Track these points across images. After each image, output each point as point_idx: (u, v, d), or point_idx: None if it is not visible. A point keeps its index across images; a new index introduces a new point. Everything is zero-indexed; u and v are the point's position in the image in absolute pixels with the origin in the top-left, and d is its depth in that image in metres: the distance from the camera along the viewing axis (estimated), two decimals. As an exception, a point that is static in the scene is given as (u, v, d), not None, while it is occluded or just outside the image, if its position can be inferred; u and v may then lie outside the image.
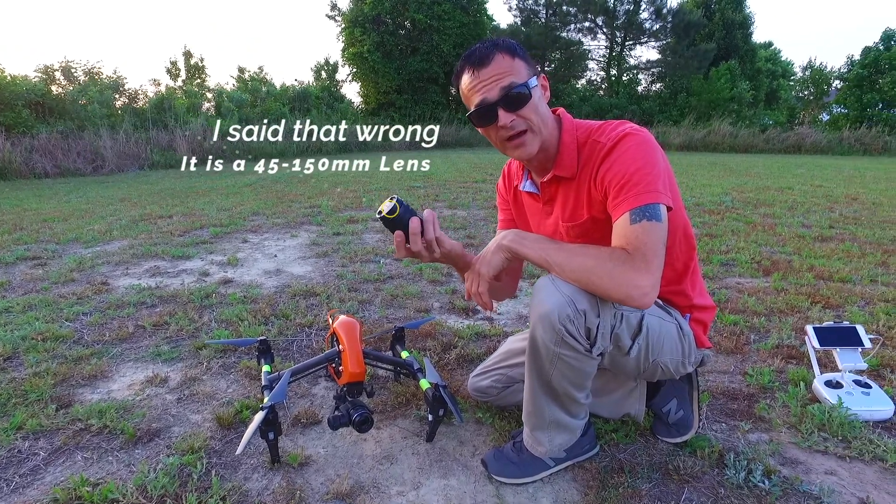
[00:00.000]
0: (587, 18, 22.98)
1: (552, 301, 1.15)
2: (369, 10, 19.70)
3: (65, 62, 13.15)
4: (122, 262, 3.46)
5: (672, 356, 1.32)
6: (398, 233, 1.19)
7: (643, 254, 1.08)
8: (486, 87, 1.16)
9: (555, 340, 1.17)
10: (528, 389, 1.31)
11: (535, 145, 1.22)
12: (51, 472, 1.39)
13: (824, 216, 4.92)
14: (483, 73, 1.16)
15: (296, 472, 1.39)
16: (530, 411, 1.33)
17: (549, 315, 1.15)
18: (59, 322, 2.41)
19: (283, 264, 3.40)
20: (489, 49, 1.17)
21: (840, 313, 2.47)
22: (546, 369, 1.23)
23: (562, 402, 1.30)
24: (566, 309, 1.14)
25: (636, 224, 1.10)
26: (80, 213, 5.42)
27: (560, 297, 1.15)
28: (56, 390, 1.80)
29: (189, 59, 18.79)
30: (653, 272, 1.08)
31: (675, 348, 1.32)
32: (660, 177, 1.14)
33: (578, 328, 1.15)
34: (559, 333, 1.16)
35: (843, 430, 1.51)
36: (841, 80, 21.66)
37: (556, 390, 1.27)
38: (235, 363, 2.01)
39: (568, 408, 1.32)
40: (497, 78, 1.15)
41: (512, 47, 1.18)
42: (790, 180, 7.98)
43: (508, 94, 1.15)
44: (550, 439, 1.34)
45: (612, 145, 1.17)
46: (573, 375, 1.23)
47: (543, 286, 1.19)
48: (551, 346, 1.18)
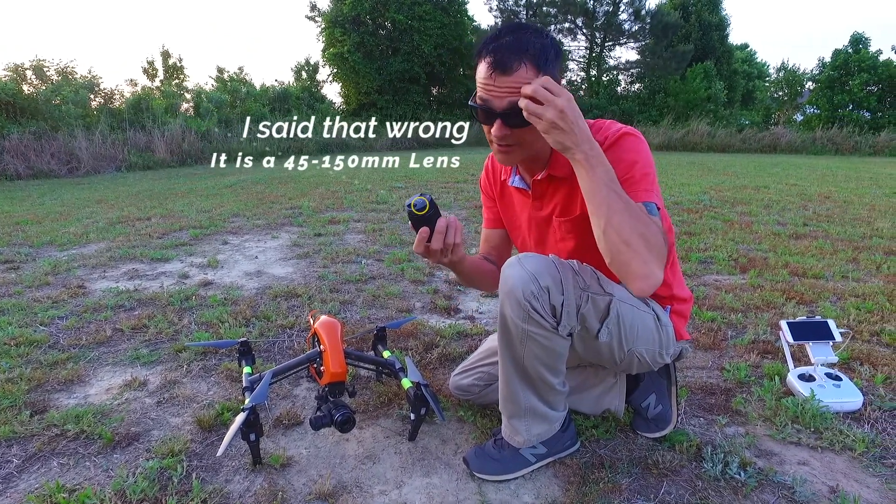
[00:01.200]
0: (567, 19, 23.17)
1: (516, 277, 1.18)
2: (349, 11, 19.62)
3: (36, 61, 12.84)
4: (99, 264, 3.40)
5: (648, 346, 1.33)
6: (424, 228, 1.19)
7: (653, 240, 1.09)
8: (497, 94, 1.13)
9: (522, 317, 1.19)
10: (501, 373, 1.32)
11: (517, 159, 1.25)
12: (25, 479, 1.36)
13: (799, 214, 5.03)
14: (499, 81, 1.12)
15: (278, 473, 1.38)
16: (506, 396, 1.34)
17: (513, 291, 1.18)
18: (33, 326, 2.36)
19: (264, 266, 3.37)
20: (516, 56, 1.10)
21: (813, 308, 2.53)
22: (517, 349, 1.25)
23: (536, 387, 1.31)
24: (530, 285, 1.16)
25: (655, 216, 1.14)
26: (55, 215, 5.31)
27: (524, 273, 1.17)
28: (30, 396, 1.76)
29: (167, 58, 18.51)
30: (664, 264, 1.11)
31: (651, 338, 1.33)
32: (655, 178, 1.18)
33: (543, 305, 1.17)
34: (525, 310, 1.18)
35: (816, 421, 1.55)
36: (813, 81, 22.17)
37: (530, 373, 1.28)
38: (216, 365, 1.99)
39: (544, 395, 1.33)
40: (510, 91, 1.11)
41: (541, 59, 1.11)
42: (766, 179, 8.14)
43: (513, 111, 1.12)
44: (528, 428, 1.35)
45: (611, 143, 1.19)
46: (544, 355, 1.24)
47: (510, 264, 1.22)
48: (519, 323, 1.20)
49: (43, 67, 12.94)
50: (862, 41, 20.34)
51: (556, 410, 1.37)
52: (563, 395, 1.37)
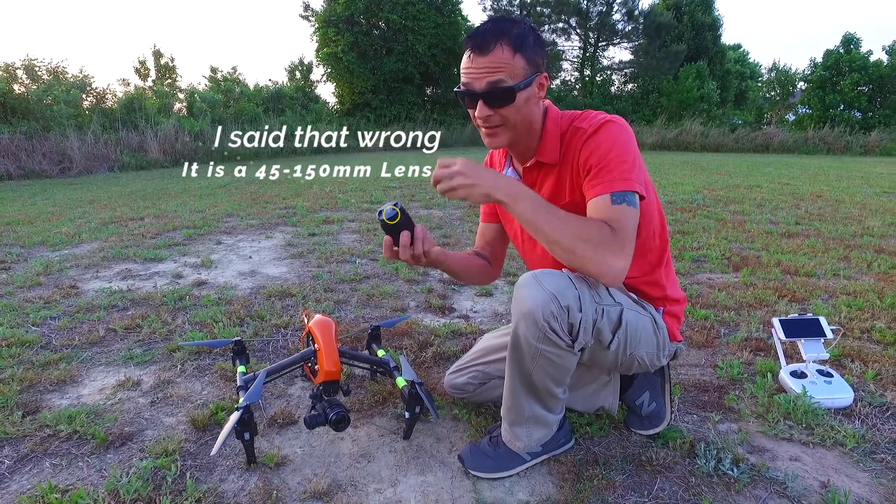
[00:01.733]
0: (561, 19, 23.21)
1: (536, 298, 1.15)
2: (342, 11, 19.58)
3: (27, 60, 12.73)
4: (92, 265, 3.38)
5: (648, 349, 1.34)
6: (388, 238, 1.23)
7: (623, 235, 1.11)
8: (476, 76, 1.16)
9: (538, 337, 1.18)
10: (508, 386, 1.32)
11: (505, 140, 1.25)
12: (16, 480, 1.36)
13: (791, 213, 5.07)
14: (478, 61, 1.15)
15: (272, 472, 1.38)
16: (509, 407, 1.34)
17: (532, 312, 1.15)
18: (25, 327, 2.35)
19: (258, 265, 3.36)
20: (494, 36, 1.14)
21: (805, 306, 2.55)
22: (527, 366, 1.24)
23: (540, 397, 1.31)
24: (550, 305, 1.14)
25: (617, 205, 1.14)
26: (47, 215, 5.27)
27: (544, 294, 1.15)
28: (22, 396, 1.75)
29: (159, 58, 18.40)
30: (627, 255, 1.12)
31: (650, 341, 1.34)
32: (636, 166, 1.18)
33: (562, 325, 1.16)
34: (543, 330, 1.16)
35: (807, 417, 1.56)
36: (805, 81, 22.28)
37: (537, 386, 1.28)
38: (210, 365, 1.98)
39: (546, 403, 1.33)
40: (489, 71, 1.15)
41: (518, 40, 1.15)
42: (759, 178, 8.19)
43: (492, 91, 1.16)
44: (529, 434, 1.36)
45: (594, 131, 1.20)
46: (554, 371, 1.24)
47: (527, 283, 1.19)
48: (534, 343, 1.19)
49: (34, 67, 12.84)
50: (853, 42, 20.47)
51: (555, 414, 1.38)
52: (563, 401, 1.38)
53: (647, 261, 1.35)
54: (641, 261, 1.34)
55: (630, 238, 1.12)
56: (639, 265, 1.35)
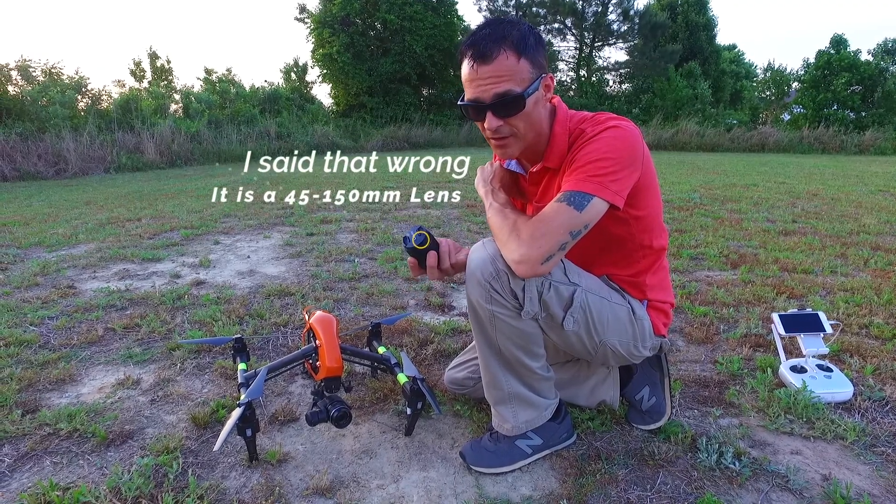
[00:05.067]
0: (556, 20, 23.24)
1: (477, 260, 1.22)
2: (338, 11, 19.54)
3: (21, 61, 12.65)
4: (89, 265, 3.37)
5: (621, 338, 1.35)
6: (412, 260, 1.30)
7: (535, 228, 1.13)
8: (482, 87, 1.14)
9: (485, 298, 1.21)
10: (480, 359, 1.34)
11: (516, 150, 1.25)
12: (17, 478, 1.35)
13: (787, 211, 5.09)
14: (482, 70, 1.13)
15: (274, 468, 1.37)
16: (488, 382, 1.36)
17: (474, 273, 1.21)
18: (23, 327, 2.34)
19: (257, 265, 3.35)
20: (496, 43, 1.11)
21: (803, 303, 2.56)
22: (489, 331, 1.27)
23: (516, 371, 1.32)
24: (488, 266, 1.20)
25: (555, 203, 1.14)
26: (43, 216, 5.25)
27: (485, 256, 1.21)
28: (21, 396, 1.74)
29: (155, 60, 18.35)
30: (533, 247, 1.12)
31: (623, 330, 1.34)
32: (615, 173, 1.14)
33: (503, 286, 1.20)
34: (486, 290, 1.20)
35: (808, 412, 1.57)
36: (799, 81, 22.37)
37: (506, 356, 1.30)
38: (210, 363, 1.97)
39: (526, 380, 1.34)
40: (494, 81, 1.12)
41: (521, 45, 1.13)
42: (755, 177, 8.21)
43: (501, 101, 1.14)
44: (514, 414, 1.36)
45: (595, 134, 1.19)
46: (515, 336, 1.26)
47: (474, 248, 1.25)
48: (484, 305, 1.22)
49: (28, 68, 12.75)
50: (842, 42, 20.57)
51: (544, 397, 1.38)
52: (549, 382, 1.38)
53: (635, 265, 1.37)
54: (630, 262, 1.36)
55: (547, 233, 1.11)
56: (625, 265, 1.36)
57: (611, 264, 1.37)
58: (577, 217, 1.11)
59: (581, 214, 1.12)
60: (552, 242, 1.11)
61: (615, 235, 1.31)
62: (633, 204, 1.24)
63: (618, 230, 1.30)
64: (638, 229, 1.31)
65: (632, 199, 1.22)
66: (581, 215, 1.12)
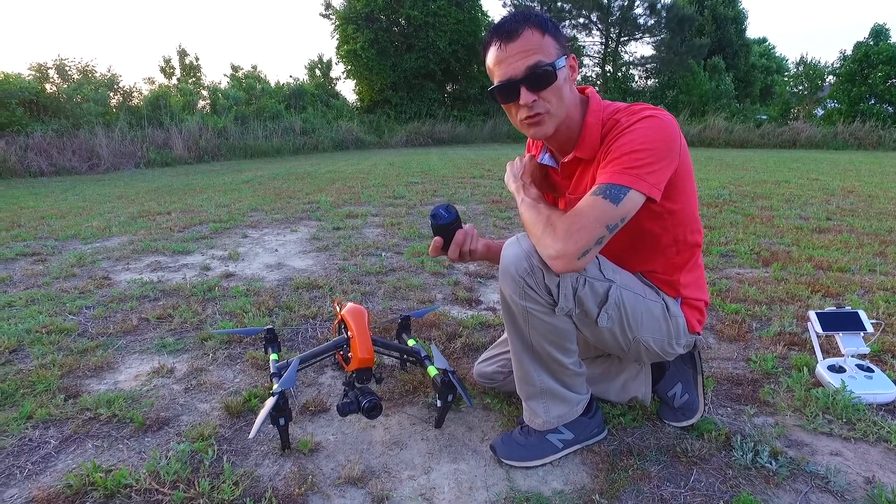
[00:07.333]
0: (581, 14, 22.99)
1: (512, 255, 1.21)
2: (363, 7, 19.64)
3: (59, 60, 13.05)
4: (123, 257, 3.45)
5: (655, 335, 1.33)
6: (437, 238, 1.32)
7: (571, 223, 1.11)
8: (512, 63, 1.15)
9: (519, 294, 1.21)
10: (513, 354, 1.33)
11: (551, 128, 1.23)
12: (62, 459, 1.39)
13: (821, 208, 4.95)
14: (510, 48, 1.14)
15: (306, 457, 1.39)
16: (520, 377, 1.35)
17: (508, 269, 1.21)
18: (63, 315, 2.41)
19: (285, 258, 3.40)
20: (519, 22, 1.14)
21: (840, 301, 2.49)
22: (521, 327, 1.26)
23: (549, 366, 1.31)
24: (523, 263, 1.19)
25: (590, 196, 1.13)
26: (78, 210, 5.40)
27: (519, 252, 1.20)
28: (63, 381, 1.80)
29: (184, 57, 18.71)
30: (570, 242, 1.10)
31: (657, 327, 1.32)
32: (652, 164, 1.12)
33: (538, 283, 1.19)
34: (520, 286, 1.20)
35: (848, 412, 1.52)
36: (833, 75, 21.70)
37: (538, 351, 1.29)
38: (241, 354, 2.01)
39: (558, 375, 1.33)
40: (524, 54, 1.14)
41: (543, 22, 1.16)
42: (786, 174, 8.02)
43: (533, 74, 1.14)
44: (546, 409, 1.35)
45: (630, 125, 1.17)
46: (549, 333, 1.25)
47: (508, 244, 1.25)
48: (518, 301, 1.22)
49: (65, 66, 13.15)
50: (882, 33, 19.85)
51: (576, 392, 1.37)
52: (581, 377, 1.37)
53: (670, 262, 1.34)
54: (663, 258, 1.33)
55: (584, 227, 1.10)
56: (660, 262, 1.34)
57: (643, 261, 1.35)
58: (613, 210, 1.10)
59: (617, 208, 1.10)
60: (589, 237, 1.10)
61: (648, 231, 1.29)
62: (668, 197, 1.21)
63: (651, 225, 1.28)
64: (672, 223, 1.29)
65: (667, 191, 1.19)
66: (617, 208, 1.10)
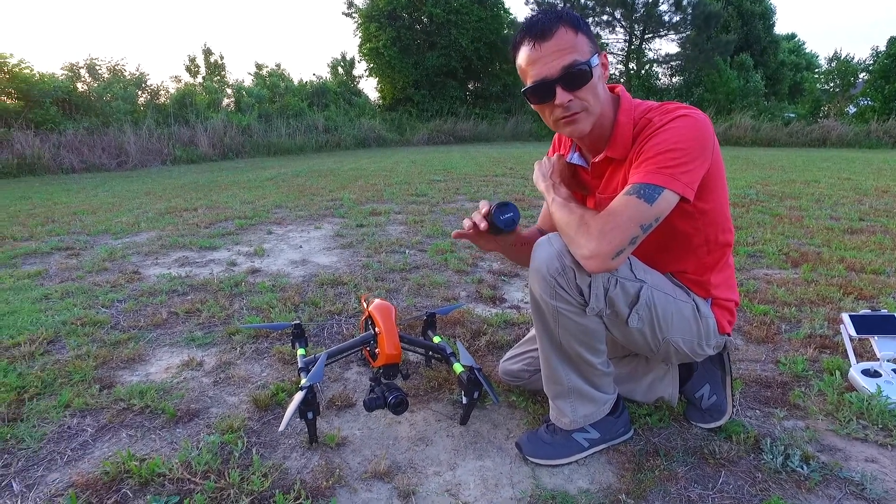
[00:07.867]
0: (605, 11, 22.70)
1: (543, 255, 1.20)
2: (385, 5, 19.70)
3: (90, 60, 13.37)
4: (152, 252, 3.53)
5: (685, 336, 1.32)
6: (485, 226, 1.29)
7: (605, 223, 1.10)
8: (547, 63, 1.14)
9: (550, 294, 1.20)
10: (541, 353, 1.33)
11: (588, 125, 1.22)
12: (99, 447, 1.44)
13: (853, 209, 4.83)
14: (545, 48, 1.13)
15: (333, 451, 1.41)
16: (548, 376, 1.35)
17: (539, 268, 1.20)
18: (96, 308, 2.48)
19: (309, 255, 3.44)
20: (553, 21, 1.13)
21: (874, 304, 2.43)
22: (551, 327, 1.26)
23: (577, 366, 1.31)
24: (554, 262, 1.18)
25: (624, 195, 1.12)
26: (108, 206, 5.53)
27: (551, 251, 1.19)
28: (98, 372, 1.85)
29: (209, 56, 19.01)
30: (603, 242, 1.10)
31: (687, 328, 1.31)
32: (686, 164, 1.12)
33: (569, 283, 1.18)
34: (551, 286, 1.19)
35: (884, 418, 1.49)
36: (867, 71, 21.07)
37: (567, 351, 1.28)
38: (268, 348, 2.04)
39: (586, 375, 1.33)
40: (559, 54, 1.13)
41: (576, 21, 1.15)
42: (816, 173, 7.83)
43: (569, 73, 1.13)
44: (573, 409, 1.35)
45: (663, 125, 1.16)
46: (578, 333, 1.24)
47: (539, 243, 1.24)
48: (548, 300, 1.21)
49: (95, 66, 13.47)
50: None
51: (603, 392, 1.37)
52: (609, 377, 1.37)
53: (701, 262, 1.33)
54: (694, 259, 1.32)
55: (618, 227, 1.09)
56: (691, 262, 1.33)
57: (675, 261, 1.34)
58: (647, 210, 1.09)
59: (651, 207, 1.09)
60: (623, 237, 1.09)
61: (680, 230, 1.28)
62: (700, 196, 1.20)
63: (683, 225, 1.27)
64: (704, 223, 1.28)
65: (699, 191, 1.18)
66: (651, 208, 1.09)
